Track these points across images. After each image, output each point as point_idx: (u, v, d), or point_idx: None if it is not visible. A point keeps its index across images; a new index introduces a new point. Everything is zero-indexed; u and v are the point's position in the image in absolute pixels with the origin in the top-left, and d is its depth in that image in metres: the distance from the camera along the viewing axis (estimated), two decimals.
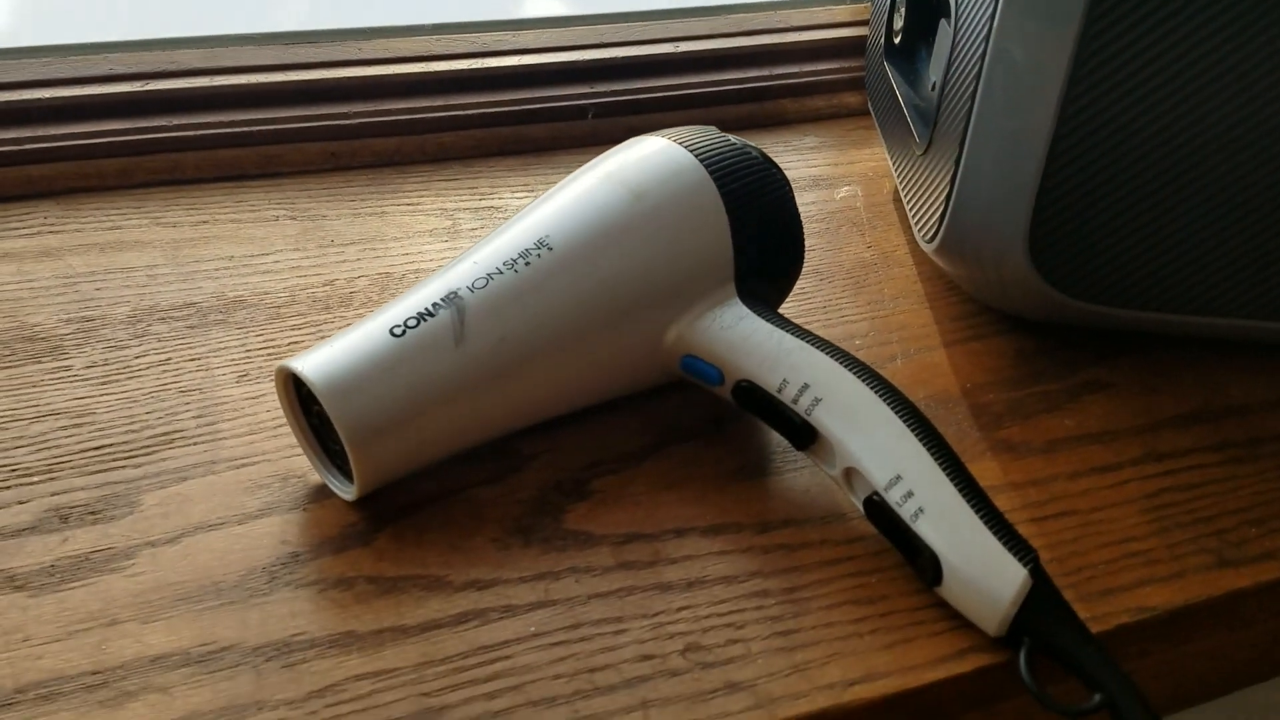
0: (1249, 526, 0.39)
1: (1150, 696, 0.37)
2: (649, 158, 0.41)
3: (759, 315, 0.40)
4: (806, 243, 0.53)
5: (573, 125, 0.60)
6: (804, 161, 0.61)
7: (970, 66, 0.42)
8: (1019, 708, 0.35)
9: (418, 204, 0.54)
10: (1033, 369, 0.46)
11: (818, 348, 0.38)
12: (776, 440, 0.41)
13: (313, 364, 0.35)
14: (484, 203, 0.55)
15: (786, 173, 0.60)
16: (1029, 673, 0.32)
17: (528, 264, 0.38)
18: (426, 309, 0.36)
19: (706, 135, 0.42)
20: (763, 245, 0.41)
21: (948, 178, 0.44)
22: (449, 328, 0.36)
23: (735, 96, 0.64)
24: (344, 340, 0.36)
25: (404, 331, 0.36)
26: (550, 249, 0.38)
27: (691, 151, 0.41)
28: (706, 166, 0.40)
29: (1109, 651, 0.32)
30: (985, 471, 0.40)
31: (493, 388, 0.37)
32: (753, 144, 0.42)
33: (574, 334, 0.38)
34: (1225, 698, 0.41)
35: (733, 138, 0.42)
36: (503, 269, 0.38)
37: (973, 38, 0.42)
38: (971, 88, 0.42)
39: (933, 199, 0.46)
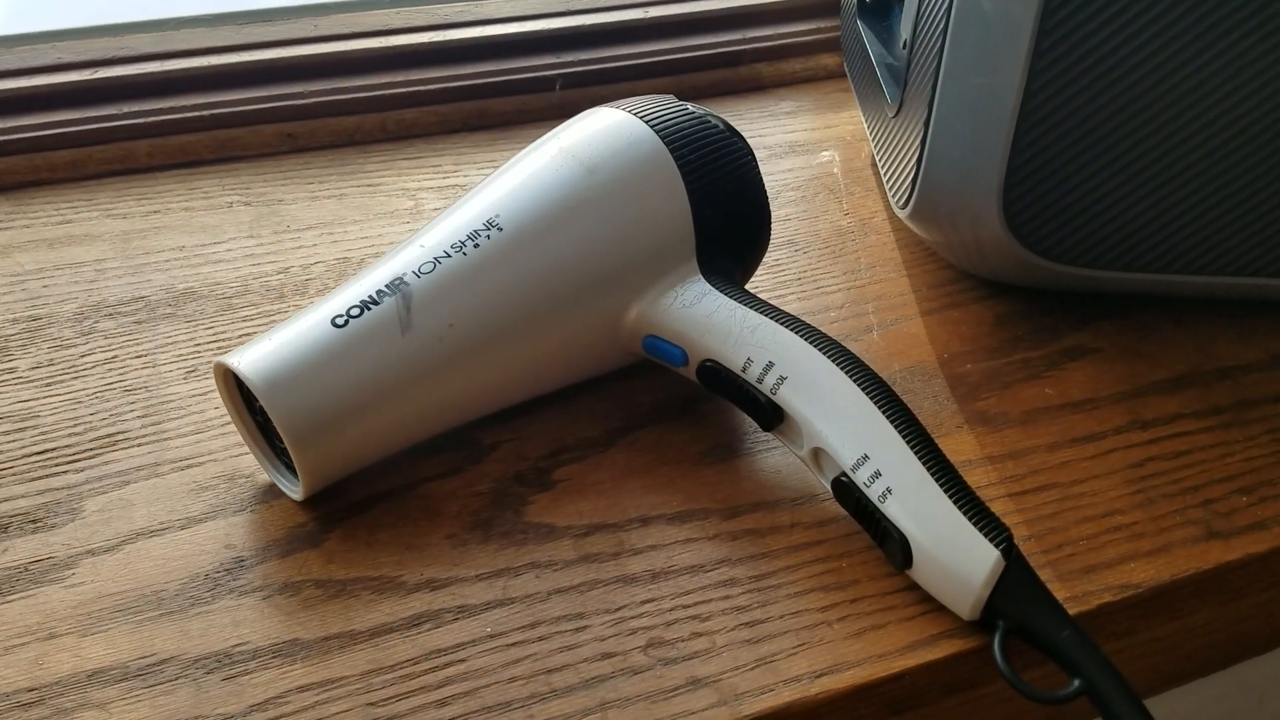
0: (1238, 495, 0.37)
1: (1137, 676, 0.36)
2: (602, 130, 0.39)
3: (722, 292, 0.38)
4: (782, 212, 0.52)
5: (540, 97, 0.58)
6: (780, 127, 0.59)
7: (937, 20, 0.40)
8: (998, 693, 0.33)
9: (378, 184, 0.52)
10: (1012, 336, 0.44)
11: (783, 324, 0.36)
12: (747, 420, 0.40)
13: (250, 359, 0.33)
14: (448, 181, 0.53)
15: (762, 139, 0.58)
16: (1003, 657, 0.30)
17: (476, 246, 0.36)
18: (370, 297, 0.35)
19: (663, 104, 0.40)
20: (725, 218, 0.39)
21: (918, 140, 0.42)
22: (394, 316, 0.35)
23: (708, 62, 0.62)
24: (283, 333, 0.34)
25: (346, 321, 0.34)
26: (500, 229, 0.36)
27: (646, 122, 0.39)
28: (662, 137, 0.38)
29: (1088, 633, 0.31)
30: (961, 445, 0.39)
31: (443, 378, 0.35)
32: (714, 112, 0.41)
33: (528, 318, 0.37)
34: (1218, 674, 0.40)
35: (691, 106, 0.40)
36: (450, 252, 0.36)
37: None
38: (939, 43, 0.40)
39: (905, 163, 0.44)
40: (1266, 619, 0.38)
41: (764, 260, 0.47)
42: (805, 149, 0.57)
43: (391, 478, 0.37)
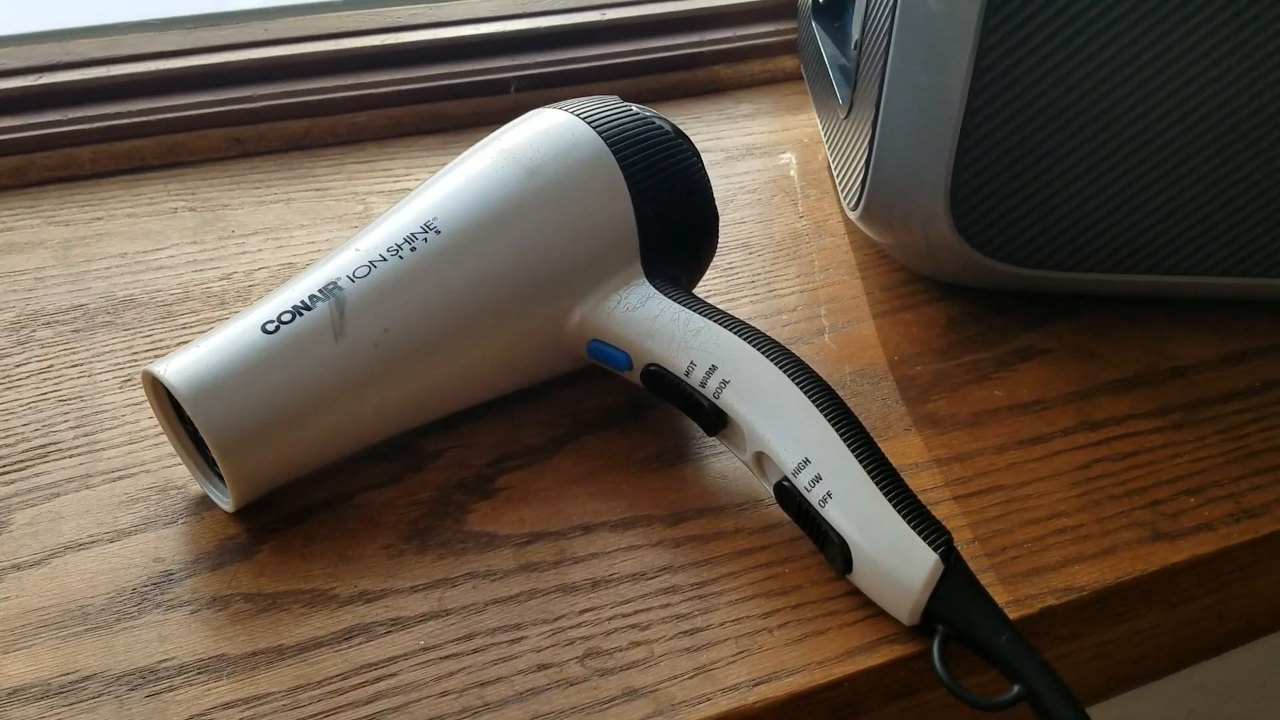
0: (1186, 496, 0.37)
1: (1087, 679, 0.36)
2: (543, 131, 0.38)
3: (666, 295, 0.37)
4: (738, 214, 0.52)
5: (495, 100, 0.58)
6: (738, 130, 0.59)
7: (883, 20, 0.40)
8: (940, 699, 0.33)
9: (327, 189, 0.51)
10: (963, 338, 0.44)
11: (727, 327, 0.36)
12: (694, 425, 0.39)
13: (176, 367, 0.33)
14: (399, 185, 0.52)
15: (719, 142, 0.58)
16: (942, 663, 0.30)
17: (413, 249, 0.35)
18: (303, 302, 0.34)
19: (606, 105, 0.40)
20: (669, 221, 0.39)
21: (866, 141, 0.42)
22: (327, 321, 0.34)
23: (667, 64, 0.61)
24: (212, 340, 0.33)
25: (277, 327, 0.34)
26: (438, 232, 0.36)
27: (588, 123, 0.38)
28: (605, 138, 0.38)
29: (1029, 638, 0.30)
30: (908, 448, 0.38)
31: (379, 385, 0.35)
32: (661, 114, 0.40)
33: (466, 323, 0.36)
34: (1172, 676, 0.39)
35: (636, 107, 0.40)
36: (386, 256, 0.35)
37: None
38: (884, 42, 0.40)
39: (854, 164, 0.44)
40: (1217, 621, 0.38)
41: (717, 263, 0.47)
42: (763, 151, 0.57)
43: (329, 487, 0.36)
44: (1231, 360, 0.43)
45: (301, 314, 0.34)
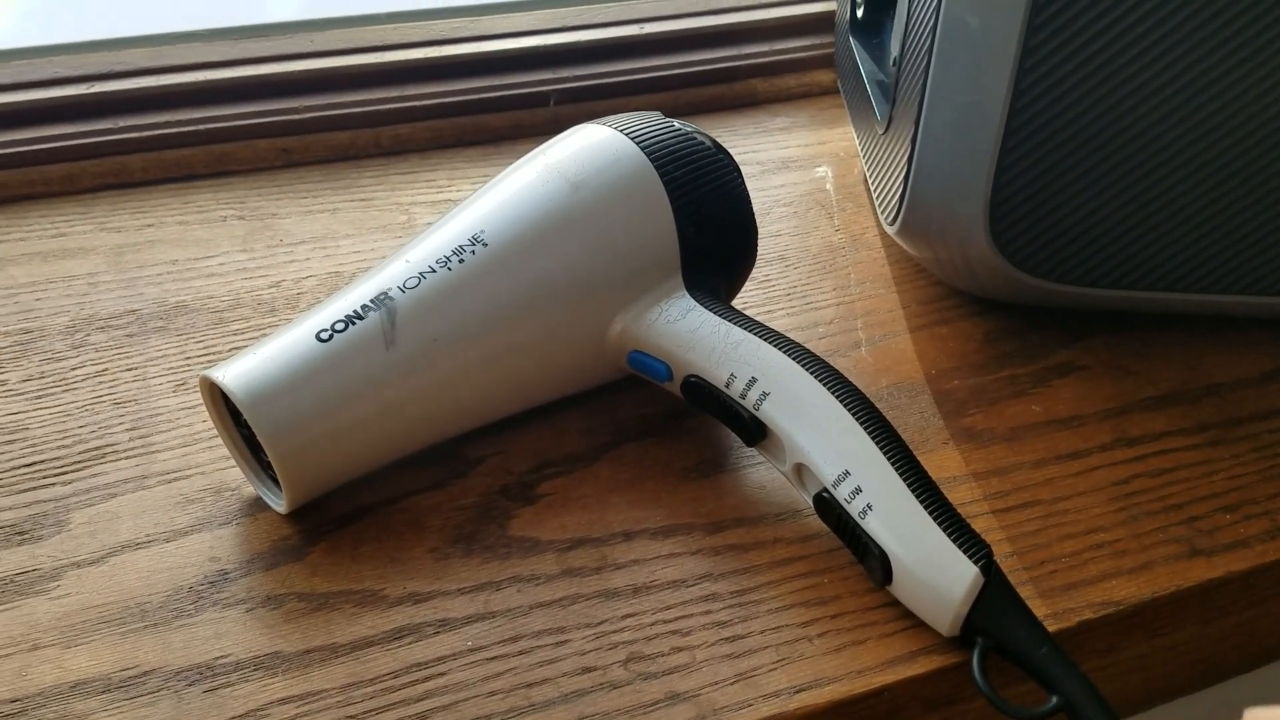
0: (1222, 513, 0.37)
1: (1120, 693, 0.36)
2: (588, 146, 0.39)
3: (706, 308, 0.38)
4: (774, 227, 0.52)
5: (534, 113, 0.59)
6: (774, 143, 0.59)
7: (924, 37, 0.40)
8: (978, 710, 0.33)
9: (372, 199, 0.52)
10: (1000, 353, 0.44)
11: (767, 340, 0.37)
12: (732, 436, 0.40)
13: (234, 373, 0.34)
14: (441, 195, 0.53)
15: (755, 155, 0.59)
16: (982, 674, 0.31)
17: (461, 261, 0.36)
18: (355, 311, 0.35)
19: (650, 121, 0.40)
20: (710, 235, 0.39)
21: (905, 156, 0.42)
22: (379, 330, 0.35)
23: (704, 78, 0.62)
24: (268, 347, 0.34)
25: (331, 336, 0.35)
26: (485, 245, 0.37)
27: (632, 138, 0.39)
28: (648, 153, 0.39)
29: (1067, 651, 0.31)
30: (946, 462, 0.39)
31: (428, 392, 0.36)
32: (702, 129, 0.41)
33: (511, 333, 0.37)
34: (1204, 691, 0.39)
35: (678, 123, 0.41)
36: (435, 267, 0.36)
37: (926, 5, 0.40)
38: (925, 60, 0.40)
39: (893, 179, 0.44)
40: (1250, 636, 0.38)
41: (754, 275, 0.48)
42: (799, 165, 0.57)
43: (376, 491, 0.37)
44: (1268, 378, 0.43)
45: (354, 323, 0.35)
